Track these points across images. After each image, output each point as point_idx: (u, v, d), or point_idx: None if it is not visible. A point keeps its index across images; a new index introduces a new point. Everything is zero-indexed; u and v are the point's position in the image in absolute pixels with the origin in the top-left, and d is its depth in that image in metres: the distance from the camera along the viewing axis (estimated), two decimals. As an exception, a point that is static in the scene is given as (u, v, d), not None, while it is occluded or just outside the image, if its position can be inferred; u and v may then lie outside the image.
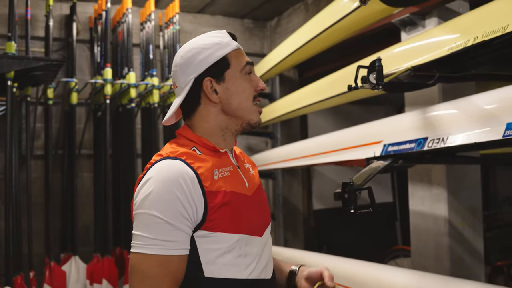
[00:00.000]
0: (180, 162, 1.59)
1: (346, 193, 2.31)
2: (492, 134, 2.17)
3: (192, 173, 1.57)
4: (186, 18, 6.03)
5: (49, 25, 4.98)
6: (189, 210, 1.53)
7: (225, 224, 1.59)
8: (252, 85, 1.74)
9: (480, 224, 3.63)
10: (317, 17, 4.11)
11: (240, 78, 1.72)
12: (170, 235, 1.52)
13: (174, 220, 1.51)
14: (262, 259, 1.69)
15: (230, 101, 1.71)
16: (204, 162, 1.63)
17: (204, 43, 1.73)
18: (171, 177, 1.54)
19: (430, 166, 3.60)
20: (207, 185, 1.58)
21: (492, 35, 2.20)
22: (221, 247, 1.58)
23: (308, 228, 6.26)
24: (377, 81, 2.36)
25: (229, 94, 1.71)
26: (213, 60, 1.70)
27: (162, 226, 1.51)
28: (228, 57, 1.72)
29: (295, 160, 4.34)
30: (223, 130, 1.74)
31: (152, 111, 5.22)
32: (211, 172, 1.62)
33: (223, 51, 1.71)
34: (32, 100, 5.04)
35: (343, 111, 6.27)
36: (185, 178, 1.55)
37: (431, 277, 2.91)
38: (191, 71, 1.71)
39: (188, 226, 1.54)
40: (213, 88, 1.71)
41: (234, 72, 1.72)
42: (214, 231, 1.57)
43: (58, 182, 5.21)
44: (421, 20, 3.56)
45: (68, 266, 4.87)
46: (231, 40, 1.75)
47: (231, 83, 1.71)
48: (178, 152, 1.64)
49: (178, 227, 1.52)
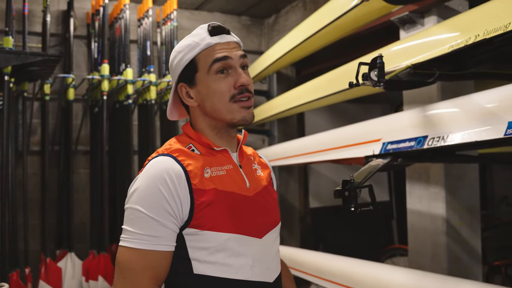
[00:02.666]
0: (170, 158, 1.60)
1: (346, 190, 2.30)
2: (493, 133, 2.17)
3: (180, 169, 1.57)
4: (183, 14, 6.01)
5: (46, 20, 4.96)
6: (173, 206, 1.53)
7: (213, 222, 1.57)
8: (229, 82, 1.65)
9: (477, 223, 3.63)
10: (315, 14, 4.10)
11: (209, 79, 1.65)
12: (154, 230, 1.52)
13: (157, 215, 1.52)
14: (262, 261, 1.67)
15: (204, 104, 1.68)
16: (195, 160, 1.62)
17: (180, 46, 1.71)
18: (156, 173, 1.56)
19: (428, 165, 3.60)
20: (195, 182, 1.57)
21: (493, 33, 2.19)
22: (209, 245, 1.57)
23: (305, 226, 6.26)
24: (378, 78, 2.34)
25: (201, 97, 1.67)
26: (183, 65, 1.68)
27: (146, 221, 1.53)
28: (196, 59, 1.67)
29: (292, 158, 4.33)
30: (214, 129, 1.71)
31: (149, 108, 5.21)
32: (201, 170, 1.61)
33: (191, 54, 1.67)
34: (28, 96, 5.02)
35: (340, 109, 6.27)
36: (170, 174, 1.55)
37: (428, 276, 2.91)
38: (173, 75, 1.74)
39: (173, 222, 1.54)
40: (187, 93, 1.70)
41: (203, 74, 1.66)
42: (202, 229, 1.57)
43: (55, 178, 5.19)
44: (420, 18, 3.55)
45: (64, 262, 4.86)
46: (203, 38, 1.67)
47: (202, 86, 1.67)
48: (171, 149, 1.65)
49: (161, 222, 1.53)
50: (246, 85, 1.66)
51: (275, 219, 1.79)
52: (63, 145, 5.25)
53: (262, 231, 1.70)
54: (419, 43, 2.83)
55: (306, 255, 4.01)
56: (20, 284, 4.24)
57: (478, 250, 3.61)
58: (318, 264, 3.67)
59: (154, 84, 5.17)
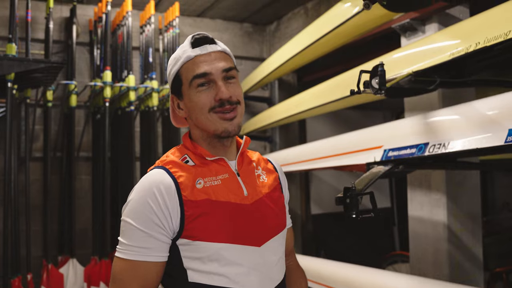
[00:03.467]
0: (162, 171, 1.63)
1: (348, 197, 2.31)
2: (493, 140, 2.17)
3: (171, 181, 1.59)
4: (186, 21, 6.03)
5: (49, 27, 4.99)
6: (162, 219, 1.56)
7: (205, 233, 1.58)
8: (209, 96, 1.64)
9: (479, 230, 3.63)
10: (317, 22, 4.11)
11: (191, 93, 1.67)
12: (143, 242, 1.56)
13: (146, 227, 1.56)
14: (260, 269, 1.65)
15: (191, 116, 1.70)
16: (187, 172, 1.64)
17: (171, 58, 1.74)
18: (146, 187, 1.59)
19: (430, 172, 3.60)
20: (186, 194, 1.59)
21: (494, 41, 2.20)
22: (202, 255, 1.58)
23: (306, 233, 6.26)
24: (379, 86, 2.35)
25: (188, 109, 1.70)
26: (171, 78, 1.72)
27: (136, 233, 1.57)
28: (180, 73, 1.69)
29: (294, 165, 4.34)
30: (206, 140, 1.71)
31: (151, 114, 5.22)
32: (192, 181, 1.62)
33: (175, 67, 1.70)
34: (31, 102, 5.04)
35: (341, 116, 6.29)
36: (159, 187, 1.58)
37: (430, 282, 2.91)
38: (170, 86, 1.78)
39: (163, 234, 1.57)
40: (178, 105, 1.73)
41: (186, 88, 1.68)
42: (194, 239, 1.58)
43: (57, 185, 5.21)
44: (421, 25, 3.56)
45: (65, 268, 4.86)
46: (185, 50, 1.69)
47: (186, 99, 1.69)
48: (166, 161, 1.68)
49: (151, 234, 1.56)
50: (224, 99, 1.64)
51: (278, 225, 1.76)
52: (65, 152, 5.27)
53: (261, 239, 1.68)
54: (420, 50, 2.84)
55: (307, 262, 4.01)
56: (22, 290, 4.25)
57: (480, 256, 3.61)
58: (320, 271, 3.67)
59: (156, 91, 5.18)
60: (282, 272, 1.77)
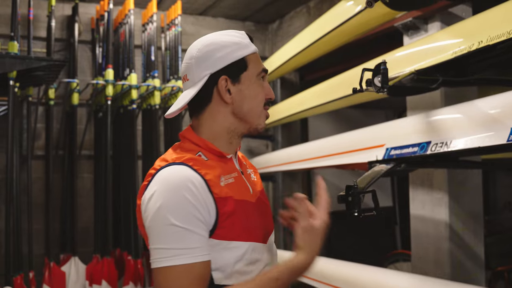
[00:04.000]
0: (186, 167, 1.53)
1: (350, 196, 2.31)
2: (496, 139, 2.17)
3: (200, 178, 1.51)
4: (188, 20, 6.03)
5: (51, 25, 4.98)
6: (202, 212, 1.47)
7: (236, 232, 1.55)
8: (264, 91, 1.69)
9: (481, 229, 3.62)
10: (319, 20, 4.11)
11: (255, 82, 1.67)
12: (190, 242, 1.45)
13: (190, 225, 1.45)
14: (268, 265, 1.67)
15: (242, 104, 1.66)
16: (211, 169, 1.58)
17: (223, 40, 1.66)
18: (178, 183, 1.48)
19: (432, 171, 3.60)
20: (216, 191, 1.53)
21: (496, 39, 2.20)
22: (232, 255, 1.54)
23: (308, 231, 6.24)
24: (382, 84, 2.35)
25: (242, 96, 1.66)
26: (232, 60, 1.64)
27: (181, 234, 1.45)
28: (247, 59, 1.67)
29: (296, 163, 4.34)
30: (230, 133, 1.68)
31: (153, 113, 5.22)
32: (218, 178, 1.57)
33: (242, 52, 1.66)
34: (33, 101, 5.04)
35: (343, 114, 6.27)
36: (194, 182, 1.49)
37: (431, 281, 2.91)
38: (208, 66, 1.65)
39: (204, 230, 1.48)
40: (227, 88, 1.65)
41: (251, 75, 1.67)
42: (226, 239, 1.53)
43: (59, 183, 5.21)
44: (424, 24, 3.56)
45: (67, 266, 4.86)
46: (250, 42, 1.70)
47: (246, 86, 1.66)
48: (184, 158, 1.58)
49: (195, 232, 1.45)
50: (273, 99, 1.74)
51: (272, 223, 1.79)
52: (67, 150, 5.27)
53: (265, 236, 1.69)
54: (422, 49, 2.84)
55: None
56: (24, 288, 4.25)
57: (481, 255, 3.60)
58: (321, 269, 3.67)
59: (158, 89, 5.19)
60: None
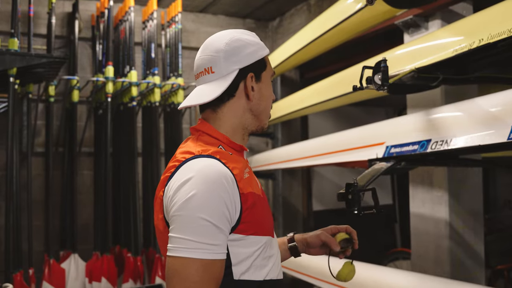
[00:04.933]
0: (217, 161, 1.53)
1: (350, 193, 2.30)
2: (496, 137, 2.17)
3: (230, 173, 1.52)
4: (188, 17, 6.02)
5: (51, 22, 4.97)
6: (231, 212, 1.48)
7: (255, 226, 1.56)
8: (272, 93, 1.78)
9: (481, 227, 3.62)
10: (320, 18, 4.10)
11: (268, 83, 1.75)
12: (215, 239, 1.45)
13: (219, 222, 1.45)
14: (278, 259, 1.69)
15: (260, 102, 1.71)
16: (236, 163, 1.59)
17: (248, 39, 1.71)
18: (215, 178, 1.48)
19: (432, 169, 3.59)
20: (241, 186, 1.54)
21: (497, 37, 2.19)
22: (251, 249, 1.55)
23: (308, 229, 6.24)
24: (382, 82, 2.35)
25: (261, 95, 1.71)
26: (257, 58, 1.69)
27: (209, 229, 1.44)
28: (266, 60, 1.74)
29: (296, 161, 4.33)
30: (244, 129, 1.71)
31: (153, 110, 5.22)
32: (242, 172, 1.58)
33: (263, 52, 1.72)
34: (33, 97, 5.04)
35: (343, 112, 6.26)
36: (227, 178, 1.49)
37: (431, 279, 2.91)
38: (237, 61, 1.66)
39: (228, 228, 1.49)
40: (252, 86, 1.68)
41: (267, 75, 1.74)
42: (247, 234, 1.54)
43: (59, 180, 5.21)
44: (424, 22, 3.55)
45: (67, 263, 4.86)
46: (264, 45, 1.76)
47: (264, 85, 1.72)
48: (210, 150, 1.57)
49: (222, 230, 1.46)
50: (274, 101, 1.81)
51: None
52: (67, 147, 5.27)
53: (273, 230, 1.73)
54: (423, 47, 2.83)
55: (308, 258, 4.00)
56: (24, 285, 4.24)
57: (481, 254, 3.60)
58: (321, 267, 3.66)
59: (158, 87, 5.18)
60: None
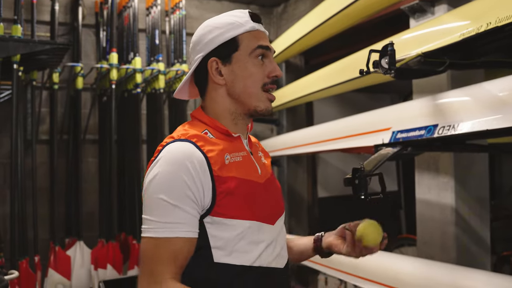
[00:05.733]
0: (190, 144, 1.57)
1: (356, 178, 2.29)
2: (503, 122, 2.15)
3: (201, 156, 1.54)
4: (192, 3, 5.99)
5: (55, 9, 4.96)
6: (195, 193, 1.51)
7: (235, 210, 1.57)
8: (264, 70, 1.68)
9: (487, 214, 3.61)
10: (324, 3, 4.07)
11: (248, 61, 1.67)
12: (175, 217, 1.50)
13: (178, 201, 1.50)
14: (275, 247, 1.68)
15: (234, 85, 1.67)
16: (215, 146, 1.60)
17: (218, 22, 1.69)
18: (178, 160, 1.52)
19: (438, 155, 3.58)
20: (216, 169, 1.55)
21: (505, 20, 2.17)
22: (231, 233, 1.56)
23: (313, 216, 6.25)
24: (389, 66, 2.33)
25: (234, 77, 1.67)
26: (222, 40, 1.66)
27: (167, 208, 1.50)
28: (239, 38, 1.67)
29: (301, 147, 4.32)
30: (232, 114, 1.70)
31: (157, 97, 5.20)
32: (221, 156, 1.59)
33: (234, 32, 1.67)
34: (37, 85, 5.02)
35: (348, 98, 6.24)
36: (192, 160, 1.52)
37: (437, 265, 2.90)
38: (200, 49, 1.69)
39: (195, 208, 1.52)
40: (218, 69, 1.67)
41: (243, 55, 1.67)
42: (225, 217, 1.55)
43: (63, 167, 5.21)
44: (430, 7, 3.52)
45: (73, 251, 4.87)
46: (248, 21, 1.69)
47: (237, 66, 1.67)
48: (189, 134, 1.61)
49: (183, 208, 1.50)
50: (279, 76, 1.70)
51: (282, 206, 1.81)
52: (72, 134, 5.26)
53: (274, 217, 1.71)
54: (429, 31, 2.81)
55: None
56: (30, 272, 4.26)
57: (487, 240, 3.59)
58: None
59: (162, 73, 5.16)
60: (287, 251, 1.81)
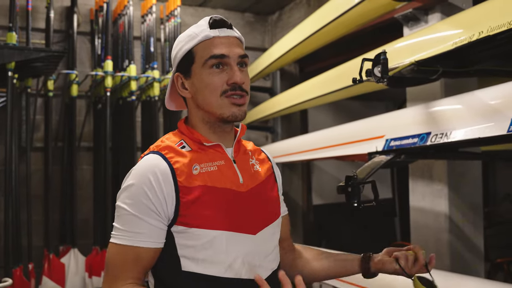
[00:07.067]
0: (158, 156, 1.61)
1: (349, 186, 2.30)
2: (496, 130, 2.16)
3: (166, 167, 1.58)
4: (187, 11, 6.01)
5: (50, 16, 4.97)
6: (157, 205, 1.55)
7: (200, 219, 1.56)
8: (222, 78, 1.63)
9: (480, 221, 3.62)
10: (319, 11, 4.09)
11: (203, 72, 1.64)
12: (138, 227, 1.55)
13: (140, 213, 1.55)
14: (254, 258, 1.64)
15: (197, 97, 1.67)
16: (183, 157, 1.62)
17: (182, 35, 1.71)
18: (142, 173, 1.58)
19: (431, 162, 3.59)
20: (181, 180, 1.57)
21: (497, 29, 2.18)
22: (197, 242, 1.56)
23: (308, 223, 6.26)
24: (382, 74, 2.34)
25: (195, 89, 1.67)
26: (181, 55, 1.68)
27: (130, 219, 1.56)
28: (194, 50, 1.65)
29: (296, 155, 4.33)
30: (207, 124, 1.69)
31: (152, 104, 5.21)
32: (188, 167, 1.60)
33: (189, 44, 1.66)
34: (32, 92, 5.03)
35: (343, 106, 6.26)
36: (155, 173, 1.56)
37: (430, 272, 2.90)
38: (173, 65, 1.74)
39: (158, 219, 1.55)
40: (183, 84, 1.70)
41: (198, 67, 1.65)
42: (189, 226, 1.56)
43: (58, 175, 5.20)
44: (424, 15, 3.54)
45: (67, 258, 4.87)
46: (204, 29, 1.66)
47: (196, 78, 1.66)
48: (161, 146, 1.66)
49: (145, 220, 1.54)
50: (239, 83, 1.63)
51: (272, 214, 1.76)
52: (67, 142, 5.27)
53: (256, 227, 1.67)
54: (422, 40, 2.82)
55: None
56: (24, 280, 4.25)
57: (481, 247, 3.60)
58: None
59: (157, 81, 5.17)
60: (276, 262, 1.76)
